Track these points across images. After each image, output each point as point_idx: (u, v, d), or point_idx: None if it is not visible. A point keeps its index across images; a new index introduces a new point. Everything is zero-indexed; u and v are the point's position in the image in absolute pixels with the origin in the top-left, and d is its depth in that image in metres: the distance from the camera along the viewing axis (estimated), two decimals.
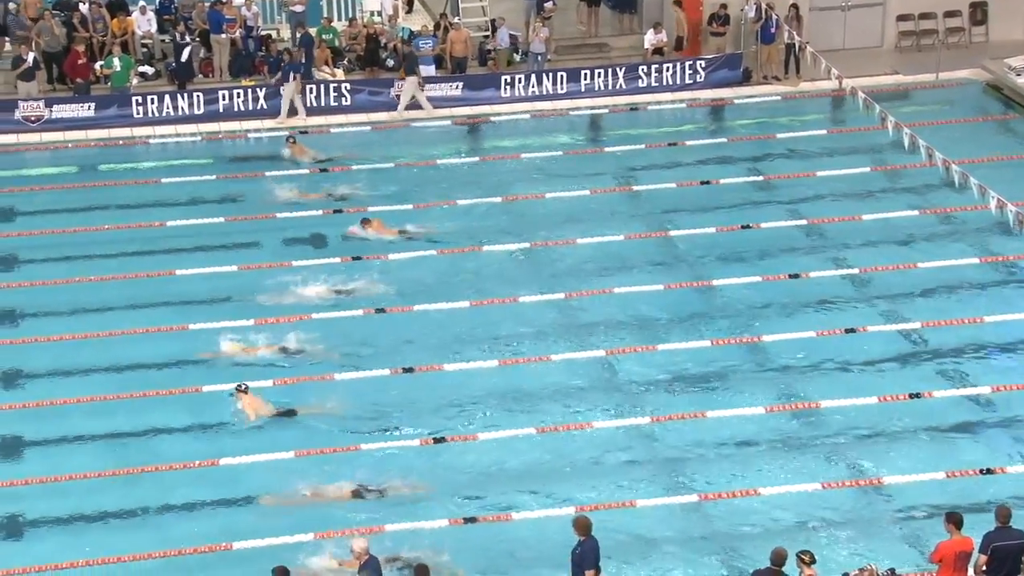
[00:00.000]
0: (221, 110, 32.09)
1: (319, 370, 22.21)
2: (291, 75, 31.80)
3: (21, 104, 31.39)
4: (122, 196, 28.44)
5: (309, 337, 23.08)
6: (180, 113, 31.90)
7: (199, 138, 31.56)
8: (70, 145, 30.96)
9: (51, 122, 31.37)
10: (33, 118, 31.34)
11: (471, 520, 18.83)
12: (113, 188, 28.88)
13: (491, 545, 18.48)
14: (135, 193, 28.63)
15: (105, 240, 26.34)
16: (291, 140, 30.30)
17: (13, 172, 29.82)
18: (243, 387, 21.07)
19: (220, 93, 32.16)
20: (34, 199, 28.31)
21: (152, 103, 31.81)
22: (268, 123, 31.99)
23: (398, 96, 32.48)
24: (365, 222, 26.60)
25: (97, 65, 32.51)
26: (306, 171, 29.72)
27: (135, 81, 32.58)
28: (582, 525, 16.65)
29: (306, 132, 31.73)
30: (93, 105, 31.63)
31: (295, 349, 22.79)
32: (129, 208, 27.83)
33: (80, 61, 32.14)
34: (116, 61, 32.15)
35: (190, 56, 32.56)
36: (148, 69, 33.32)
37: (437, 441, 20.57)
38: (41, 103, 31.44)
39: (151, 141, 31.30)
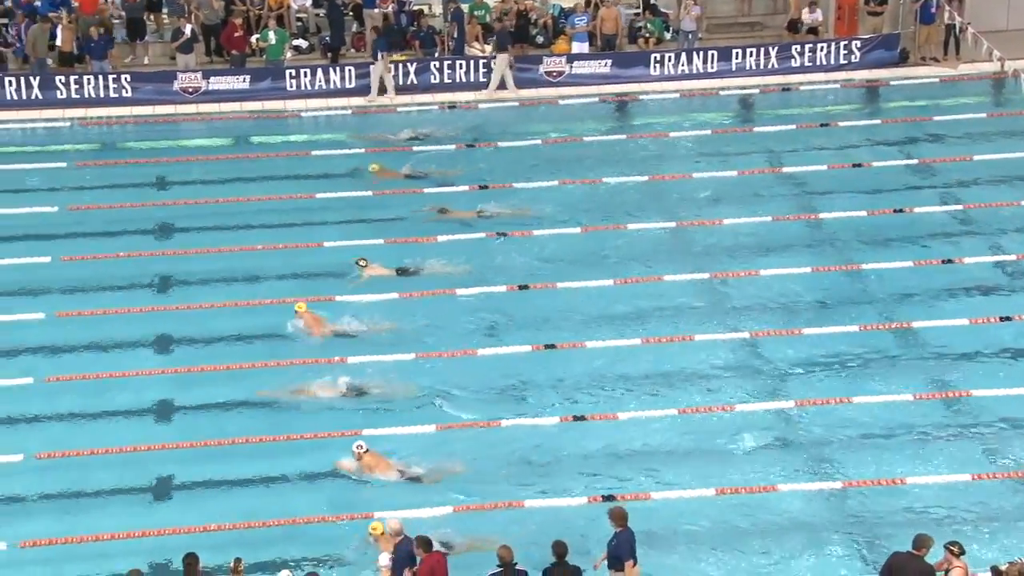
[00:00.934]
0: (372, 84, 32.36)
1: (461, 345, 22.31)
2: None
3: (179, 75, 32.04)
4: (273, 168, 28.85)
5: (452, 311, 23.21)
6: (332, 87, 32.27)
7: (349, 111, 31.90)
8: (225, 117, 31.52)
9: (207, 94, 31.97)
10: (190, 89, 31.96)
11: (609, 498, 18.76)
12: (265, 160, 29.32)
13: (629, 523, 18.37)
14: (286, 165, 29.03)
15: (256, 210, 26.75)
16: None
17: (170, 142, 30.44)
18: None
19: (371, 67, 32.43)
20: (189, 169, 28.85)
21: (305, 76, 32.25)
22: (418, 98, 32.19)
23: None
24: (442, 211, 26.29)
25: (253, 38, 33.04)
26: (452, 147, 29.85)
27: (289, 54, 33.04)
28: (618, 516, 16.49)
29: (455, 106, 31.93)
30: (248, 77, 32.17)
31: (438, 323, 22.92)
32: (280, 180, 28.24)
33: (237, 34, 32.69)
34: (271, 34, 32.64)
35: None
36: (302, 43, 33.77)
37: (577, 419, 20.53)
38: (198, 75, 32.06)
39: (303, 114, 31.72)
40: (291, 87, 32.19)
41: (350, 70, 32.36)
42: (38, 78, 31.53)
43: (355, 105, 32.01)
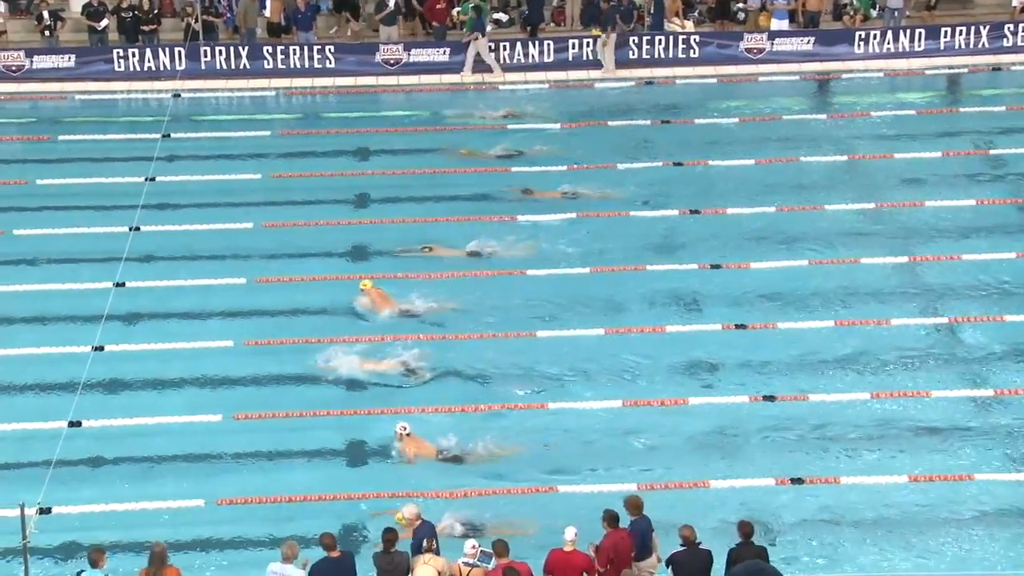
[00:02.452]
0: (570, 59, 32.40)
1: (650, 321, 22.23)
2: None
3: (381, 47, 32.51)
4: (466, 141, 28.93)
5: (641, 287, 23.12)
6: (530, 61, 32.36)
7: (547, 86, 31.96)
8: (424, 88, 31.85)
9: (408, 66, 32.36)
10: (392, 61, 32.41)
11: (798, 481, 18.52)
12: (459, 132, 29.49)
13: (817, 506, 18.13)
14: (481, 138, 29.10)
15: (449, 183, 26.96)
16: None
17: (370, 113, 30.91)
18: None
19: (570, 42, 32.44)
20: (388, 140, 29.19)
21: (504, 50, 32.40)
22: (618, 72, 32.06)
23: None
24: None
25: (454, 11, 33.29)
26: (647, 122, 29.68)
27: (489, 28, 33.23)
28: (634, 505, 16.15)
29: (652, 82, 31.74)
30: (448, 50, 32.46)
31: (628, 299, 22.86)
32: (477, 153, 28.35)
33: (439, 6, 33.00)
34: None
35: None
36: (502, 16, 33.93)
37: (767, 399, 20.30)
38: (400, 47, 32.48)
39: (500, 88, 31.86)
40: None
41: (549, 44, 32.41)
42: (247, 48, 32.36)
43: (552, 79, 32.06)
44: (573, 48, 32.41)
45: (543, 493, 18.42)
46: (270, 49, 32.35)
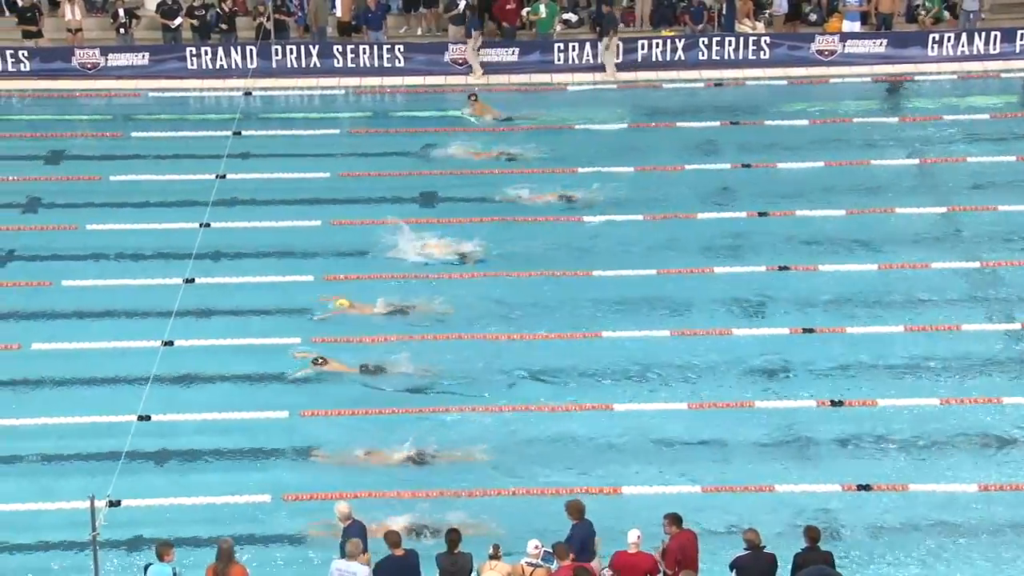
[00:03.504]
0: (639, 59, 32.29)
1: (717, 324, 22.14)
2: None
3: (450, 47, 32.57)
4: (536, 141, 28.94)
5: (709, 290, 23.02)
6: (599, 61, 32.30)
7: (615, 86, 31.88)
8: (492, 88, 31.84)
9: None
10: (460, 61, 32.46)
11: (865, 487, 18.36)
12: (530, 133, 29.44)
13: (884, 513, 17.98)
14: (553, 138, 29.07)
15: (513, 182, 26.82)
16: (473, 97, 30.03)
17: (438, 112, 30.93)
18: None
19: (639, 43, 32.35)
20: (454, 139, 28.97)
21: (573, 50, 32.36)
22: (683, 74, 31.93)
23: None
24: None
25: (524, 11, 33.27)
26: (716, 123, 29.55)
27: (559, 28, 33.21)
28: (574, 509, 16.08)
29: (721, 84, 31.62)
30: (516, 50, 32.47)
31: (694, 301, 22.78)
32: (545, 154, 28.27)
33: (509, 6, 32.99)
34: (542, 8, 32.84)
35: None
36: (571, 16, 33.89)
37: (835, 404, 20.14)
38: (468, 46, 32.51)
39: (569, 88, 31.82)
40: (559, 60, 32.37)
41: (618, 45, 32.33)
42: (317, 47, 32.54)
43: (621, 80, 31.99)
44: (642, 49, 32.30)
45: (607, 495, 18.38)
46: (340, 48, 32.50)
